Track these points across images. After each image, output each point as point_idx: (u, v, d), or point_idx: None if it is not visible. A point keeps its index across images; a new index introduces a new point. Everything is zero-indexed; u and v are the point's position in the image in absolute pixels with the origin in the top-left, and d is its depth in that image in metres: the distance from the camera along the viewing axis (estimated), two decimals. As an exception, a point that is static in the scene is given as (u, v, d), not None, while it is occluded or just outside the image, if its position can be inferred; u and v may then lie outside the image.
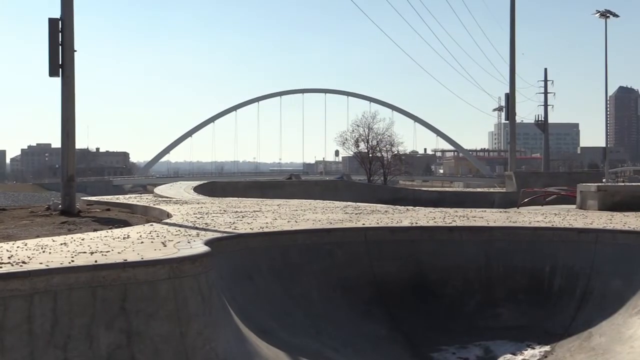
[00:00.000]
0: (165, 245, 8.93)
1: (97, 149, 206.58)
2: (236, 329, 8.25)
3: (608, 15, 72.98)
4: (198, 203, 20.75)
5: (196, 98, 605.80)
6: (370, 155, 75.85)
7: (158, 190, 31.17)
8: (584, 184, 22.69)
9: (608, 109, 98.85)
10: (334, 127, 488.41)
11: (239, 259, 10.39)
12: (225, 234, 11.12)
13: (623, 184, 48.17)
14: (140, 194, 42.20)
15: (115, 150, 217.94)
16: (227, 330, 7.94)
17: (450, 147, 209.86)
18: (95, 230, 12.52)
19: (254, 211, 16.89)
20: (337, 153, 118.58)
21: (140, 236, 10.27)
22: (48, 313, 6.46)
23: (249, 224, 13.25)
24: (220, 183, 41.82)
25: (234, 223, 13.30)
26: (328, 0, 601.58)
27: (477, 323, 11.34)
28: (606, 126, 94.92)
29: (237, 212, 16.56)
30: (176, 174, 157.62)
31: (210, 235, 10.54)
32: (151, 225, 12.79)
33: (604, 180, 53.03)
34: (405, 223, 13.63)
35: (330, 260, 11.71)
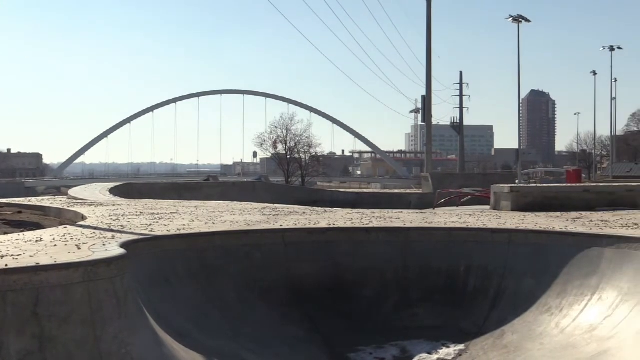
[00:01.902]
0: (79, 248, 8.75)
1: (9, 150, 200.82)
2: (153, 333, 8.15)
3: (520, 20, 74.52)
4: (114, 205, 20.44)
5: (112, 99, 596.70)
6: (288, 156, 76.13)
7: (72, 192, 30.57)
8: (497, 185, 23.15)
9: (521, 112, 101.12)
10: (252, 129, 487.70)
11: (155, 261, 10.26)
12: (141, 236, 10.97)
13: (535, 185, 49.26)
14: (54, 196, 41.33)
15: (27, 152, 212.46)
16: (143, 334, 7.83)
17: (368, 149, 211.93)
18: (6, 233, 12.18)
19: (171, 213, 16.73)
20: (255, 154, 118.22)
21: (54, 239, 10.04)
22: (-44, 319, 6.27)
23: (165, 225, 13.13)
24: (136, 185, 41.29)
25: (150, 225, 13.15)
26: (245, 1, 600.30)
27: (394, 323, 11.45)
28: (519, 128, 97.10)
29: (153, 214, 16.38)
30: (91, 176, 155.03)
31: (126, 238, 10.38)
32: (65, 227, 12.53)
33: (516, 181, 54.16)
34: (323, 224, 13.69)
35: (248, 262, 11.68)
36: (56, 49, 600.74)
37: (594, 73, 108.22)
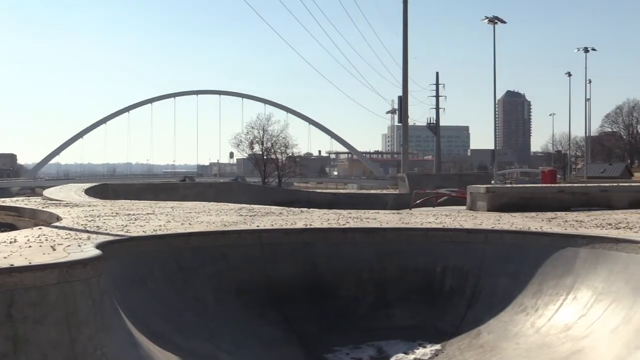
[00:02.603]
0: (54, 249, 8.69)
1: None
2: (128, 334, 8.11)
3: (496, 21, 75.03)
4: (89, 206, 20.32)
5: (87, 98, 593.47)
6: (264, 157, 76.11)
7: (47, 192, 30.36)
8: (473, 185, 23.23)
9: (496, 113, 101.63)
10: (229, 129, 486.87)
11: (131, 262, 10.20)
12: (117, 237, 10.91)
13: (510, 185, 49.51)
14: (29, 196, 41.04)
15: (1, 152, 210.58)
16: (119, 336, 7.79)
17: (344, 150, 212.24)
18: (-20, 234, 12.07)
19: (147, 214, 16.65)
20: (231, 155, 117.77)
21: (28, 240, 9.96)
22: None
23: (141, 226, 13.06)
24: (112, 185, 41.11)
25: (126, 226, 13.08)
26: (222, 2, 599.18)
27: (370, 324, 11.46)
28: (495, 129, 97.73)
29: (129, 214, 16.30)
30: (66, 176, 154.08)
31: (102, 239, 10.32)
32: (40, 228, 12.43)
33: (492, 181, 54.44)
34: (300, 225, 13.69)
35: (225, 263, 11.65)
36: (28, 49, 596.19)
37: (569, 74, 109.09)
